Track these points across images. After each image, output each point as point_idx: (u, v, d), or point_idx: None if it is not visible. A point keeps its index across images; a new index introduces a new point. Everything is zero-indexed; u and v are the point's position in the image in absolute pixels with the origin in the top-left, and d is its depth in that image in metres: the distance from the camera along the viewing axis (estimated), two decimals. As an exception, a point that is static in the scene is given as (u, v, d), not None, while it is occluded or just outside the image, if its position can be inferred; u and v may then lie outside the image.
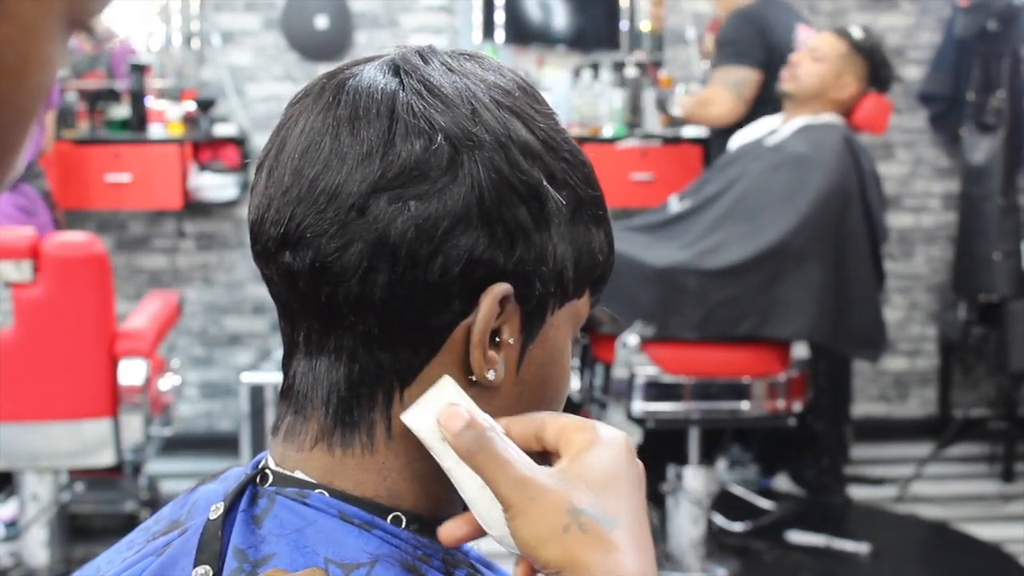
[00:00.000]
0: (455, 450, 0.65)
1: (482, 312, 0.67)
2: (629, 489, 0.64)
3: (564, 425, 0.66)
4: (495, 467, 0.63)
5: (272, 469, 0.71)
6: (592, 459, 0.64)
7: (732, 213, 3.08)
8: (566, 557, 0.61)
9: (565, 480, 0.63)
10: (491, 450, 0.63)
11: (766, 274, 2.96)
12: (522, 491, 0.62)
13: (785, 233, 2.98)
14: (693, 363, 3.02)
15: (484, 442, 0.64)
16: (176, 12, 4.51)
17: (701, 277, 2.95)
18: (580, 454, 0.64)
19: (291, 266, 0.68)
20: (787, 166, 3.11)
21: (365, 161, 0.66)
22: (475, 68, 0.71)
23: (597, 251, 0.73)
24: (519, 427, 0.67)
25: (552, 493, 0.62)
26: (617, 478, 0.64)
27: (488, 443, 0.64)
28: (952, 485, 3.53)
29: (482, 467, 0.64)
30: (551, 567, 0.62)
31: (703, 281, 2.95)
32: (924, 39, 4.57)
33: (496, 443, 0.64)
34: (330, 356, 0.69)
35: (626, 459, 0.65)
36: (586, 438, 0.65)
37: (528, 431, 0.67)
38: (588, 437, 0.65)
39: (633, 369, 2.96)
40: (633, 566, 0.62)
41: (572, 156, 0.72)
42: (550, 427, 0.67)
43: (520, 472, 0.63)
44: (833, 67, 3.22)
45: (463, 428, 0.64)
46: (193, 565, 0.68)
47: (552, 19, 4.60)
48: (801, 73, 3.24)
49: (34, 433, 2.80)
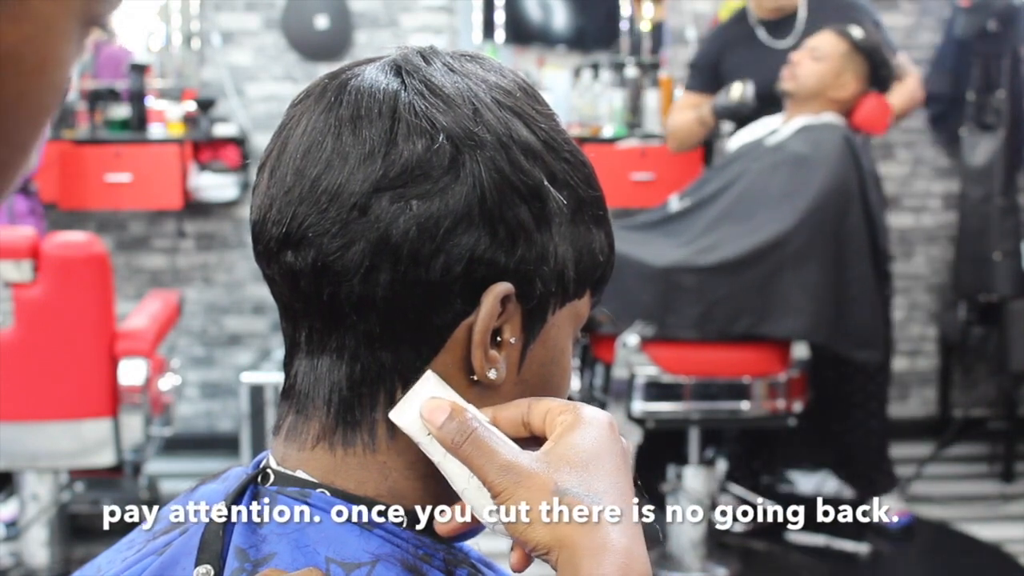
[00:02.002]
0: (440, 442, 0.66)
1: (483, 311, 0.68)
2: (613, 465, 0.65)
3: (548, 408, 0.68)
4: (480, 455, 0.64)
5: (273, 468, 0.71)
6: (575, 439, 0.65)
7: (731, 212, 3.08)
8: (553, 536, 0.63)
9: (549, 462, 0.64)
10: (475, 439, 0.65)
11: (763, 271, 2.95)
12: (508, 476, 0.64)
13: (783, 231, 2.97)
14: (693, 363, 3.02)
15: (468, 432, 0.65)
16: (176, 12, 4.51)
17: (698, 274, 2.95)
18: (563, 435, 0.66)
19: (293, 266, 0.68)
20: (787, 165, 3.11)
21: (367, 161, 0.66)
22: (476, 68, 0.71)
23: (598, 251, 0.73)
24: (506, 414, 0.68)
25: (537, 476, 0.64)
26: (600, 456, 0.65)
27: (472, 432, 0.65)
28: (952, 485, 3.53)
29: (467, 457, 0.65)
30: (541, 548, 0.63)
31: (700, 278, 2.95)
32: (924, 39, 4.57)
33: (480, 432, 0.65)
34: (332, 355, 0.69)
35: (609, 437, 0.66)
36: (568, 419, 0.66)
37: (515, 417, 0.68)
38: (570, 418, 0.66)
39: (633, 369, 2.96)
40: (620, 540, 0.63)
41: (573, 156, 0.72)
42: (535, 411, 0.68)
43: (505, 458, 0.64)
44: (833, 66, 3.21)
45: (446, 420, 0.65)
46: (194, 564, 0.68)
47: (552, 19, 4.60)
48: (801, 72, 3.23)
49: (34, 433, 2.80)
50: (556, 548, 0.63)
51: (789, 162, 3.11)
